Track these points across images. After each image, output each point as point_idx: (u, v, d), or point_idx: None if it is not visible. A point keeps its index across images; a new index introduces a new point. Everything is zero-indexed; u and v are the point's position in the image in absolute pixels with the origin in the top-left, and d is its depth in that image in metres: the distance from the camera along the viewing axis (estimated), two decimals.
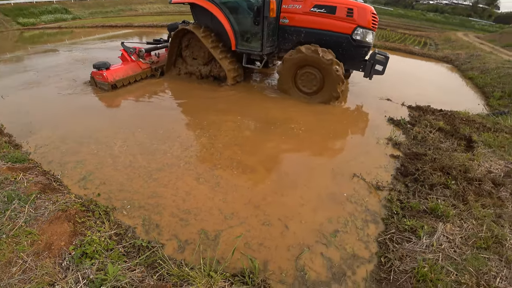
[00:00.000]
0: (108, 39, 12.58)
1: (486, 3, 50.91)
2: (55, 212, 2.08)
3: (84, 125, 3.60)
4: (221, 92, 4.83)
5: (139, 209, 2.25)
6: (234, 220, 2.13)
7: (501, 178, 2.56)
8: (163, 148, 3.08)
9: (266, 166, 2.82)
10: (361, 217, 2.18)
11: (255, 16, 4.20)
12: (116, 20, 20.46)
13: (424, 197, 2.29)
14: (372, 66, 4.08)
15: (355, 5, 3.91)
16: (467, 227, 1.99)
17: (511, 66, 7.47)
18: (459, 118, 3.85)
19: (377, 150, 3.17)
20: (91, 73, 4.97)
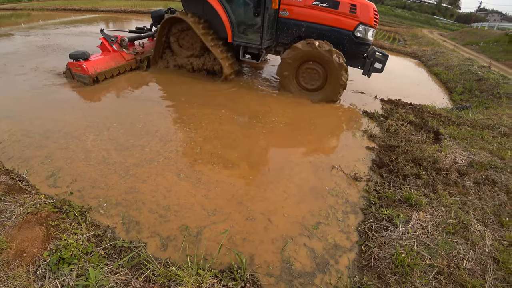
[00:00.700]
0: (71, 24, 11.65)
1: (449, 3, 54.30)
2: (23, 215, 1.93)
3: (52, 118, 3.34)
4: (214, 85, 4.63)
5: (116, 206, 2.15)
6: (217, 216, 2.12)
7: (465, 168, 2.79)
8: (140, 144, 2.95)
9: (248, 160, 2.81)
10: (341, 209, 2.26)
11: (255, 7, 4.01)
12: (79, 4, 18.96)
13: (398, 187, 2.44)
14: (371, 64, 4.10)
15: (358, 1, 3.88)
16: (437, 214, 2.15)
17: (471, 64, 8.08)
18: (427, 111, 4.11)
19: (354, 143, 3.29)
20: (68, 64, 4.43)
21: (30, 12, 15.67)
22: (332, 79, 3.95)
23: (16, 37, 8.42)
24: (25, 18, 13.75)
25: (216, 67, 4.76)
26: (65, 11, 15.91)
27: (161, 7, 5.97)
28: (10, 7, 17.67)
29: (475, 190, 2.50)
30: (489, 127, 3.78)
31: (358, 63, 4.26)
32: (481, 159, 2.96)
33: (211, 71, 4.91)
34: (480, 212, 2.23)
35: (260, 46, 4.25)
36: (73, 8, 16.40)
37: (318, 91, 4.16)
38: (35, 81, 4.46)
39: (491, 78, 6.33)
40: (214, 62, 4.75)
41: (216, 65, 4.74)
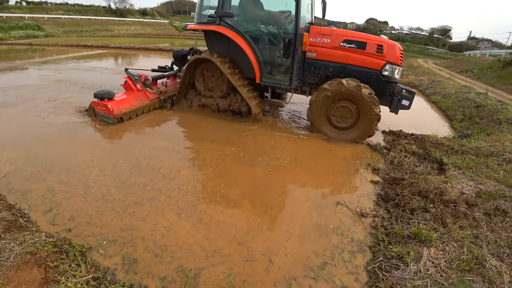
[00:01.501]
0: (82, 59, 12.27)
1: (440, 34, 57.04)
2: (22, 255, 1.88)
3: (60, 152, 3.40)
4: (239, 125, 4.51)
5: (113, 244, 2.09)
6: (216, 257, 2.03)
7: (473, 198, 2.73)
8: (143, 181, 2.92)
9: (250, 199, 2.75)
10: (348, 248, 2.16)
11: (285, 48, 4.07)
12: (91, 40, 20.17)
13: (406, 222, 2.37)
14: (398, 101, 4.12)
15: (385, 41, 4.00)
16: (449, 250, 2.07)
17: (468, 91, 8.26)
18: (429, 141, 4.11)
19: (358, 177, 3.24)
20: (92, 103, 4.40)
21: (45, 47, 16.58)
22: (365, 114, 3.91)
23: (30, 70, 8.86)
24: (40, 52, 14.54)
25: (243, 108, 4.68)
26: (78, 47, 16.82)
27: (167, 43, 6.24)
28: (27, 42, 18.77)
29: (486, 221, 2.43)
30: (493, 155, 3.76)
31: (385, 101, 4.24)
32: (489, 188, 2.91)
33: (237, 112, 4.82)
34: (494, 245, 2.14)
35: (289, 87, 4.28)
36: (85, 44, 17.40)
37: (352, 128, 4.11)
38: (48, 116, 4.59)
39: (489, 104, 6.43)
40: (241, 103, 4.68)
41: (243, 106, 4.67)
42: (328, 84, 3.99)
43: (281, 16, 4.63)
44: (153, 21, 44.51)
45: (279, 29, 4.56)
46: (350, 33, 4.24)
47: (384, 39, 4.21)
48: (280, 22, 4.61)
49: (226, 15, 4.22)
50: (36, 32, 24.98)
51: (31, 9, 31.69)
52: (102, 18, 36.49)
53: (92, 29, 31.74)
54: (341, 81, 3.88)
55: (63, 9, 35.54)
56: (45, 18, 29.10)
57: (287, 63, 4.35)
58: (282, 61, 4.46)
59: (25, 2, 36.41)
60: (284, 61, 4.39)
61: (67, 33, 27.93)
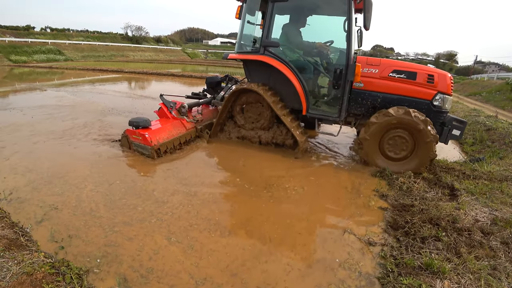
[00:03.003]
0: (97, 82, 12.87)
1: (447, 58, 57.70)
2: (18, 275, 1.84)
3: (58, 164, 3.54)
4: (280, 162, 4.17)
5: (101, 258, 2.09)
6: (206, 285, 1.93)
7: (488, 226, 2.59)
8: (134, 203, 2.90)
9: (247, 229, 2.62)
10: (355, 283, 2.01)
11: (336, 79, 3.98)
12: (107, 65, 21.26)
13: (417, 252, 2.24)
14: (449, 131, 3.99)
15: (435, 71, 3.94)
16: (465, 283, 1.92)
17: (477, 114, 8.16)
18: (439, 166, 4.00)
19: (366, 204, 3.12)
20: (126, 131, 4.13)
21: (64, 71, 17.54)
22: (421, 150, 3.75)
23: (48, 91, 9.35)
24: (59, 75, 15.36)
25: (288, 141, 4.45)
26: (94, 71, 17.73)
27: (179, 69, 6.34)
28: (47, 66, 19.92)
29: (504, 251, 2.27)
30: (507, 179, 3.61)
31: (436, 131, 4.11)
32: (505, 215, 2.76)
33: (280, 145, 4.59)
34: None
35: (338, 118, 4.13)
36: (101, 68, 18.36)
37: (402, 161, 3.93)
38: (59, 136, 4.73)
39: (500, 127, 6.30)
40: (286, 136, 4.46)
41: (288, 139, 4.44)
42: (392, 109, 3.78)
43: (324, 46, 4.61)
44: (167, 48, 46.77)
45: (322, 59, 4.52)
46: (399, 63, 4.15)
47: (434, 69, 4.14)
48: (322, 52, 4.63)
49: (271, 44, 4.22)
50: (57, 56, 26.58)
51: (54, 35, 33.97)
52: (118, 44, 38.66)
53: (108, 55, 33.55)
54: (408, 110, 3.71)
55: (83, 36, 37.96)
56: (66, 44, 31.02)
57: (333, 94, 4.25)
58: (329, 92, 4.37)
59: (49, 29, 39.08)
60: (331, 92, 4.28)
61: (85, 58, 29.58)
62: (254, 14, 4.55)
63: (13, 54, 22.60)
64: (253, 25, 4.60)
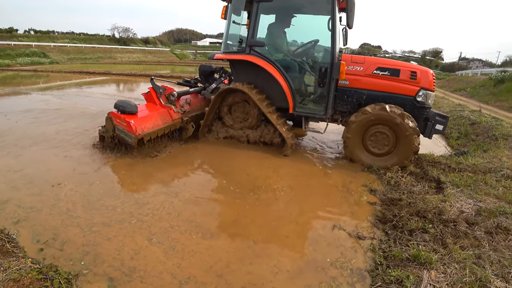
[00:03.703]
0: (85, 85, 12.59)
1: (432, 55, 59.06)
2: (5, 282, 1.80)
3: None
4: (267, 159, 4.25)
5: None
6: (190, 284, 1.92)
7: (473, 217, 2.67)
8: (113, 204, 2.89)
9: (231, 232, 2.57)
10: (346, 281, 2.02)
11: (321, 78, 4.04)
12: (94, 67, 20.77)
13: (405, 244, 2.29)
14: (432, 126, 4.09)
15: (418, 68, 4.06)
16: (451, 272, 1.98)
17: (462, 109, 8.39)
18: (426, 160, 4.10)
19: (355, 199, 3.16)
20: (110, 114, 3.93)
21: (49, 74, 17.06)
22: (403, 143, 3.83)
23: (34, 95, 9.09)
24: (44, 78, 14.94)
25: (276, 139, 4.49)
26: (81, 73, 17.28)
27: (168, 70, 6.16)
28: (32, 69, 19.32)
29: (488, 240, 2.35)
30: (491, 171, 3.73)
31: (419, 127, 4.08)
32: (489, 206, 2.85)
33: (268, 144, 4.62)
34: (498, 265, 2.06)
35: (324, 116, 4.20)
36: (88, 71, 17.90)
37: (386, 156, 4.01)
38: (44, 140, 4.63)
39: (483, 121, 6.50)
40: (273, 134, 4.49)
41: (276, 138, 4.48)
42: (370, 107, 3.90)
43: (308, 45, 4.65)
44: (155, 49, 46.22)
45: (308, 58, 4.57)
46: (383, 60, 4.25)
47: (417, 65, 4.22)
48: (308, 51, 4.67)
49: (257, 44, 4.23)
50: (42, 59, 25.85)
51: (38, 37, 33.03)
52: (106, 46, 37.93)
53: (96, 57, 32.85)
54: (384, 105, 3.84)
55: (69, 38, 37.05)
56: (51, 46, 30.20)
57: (319, 92, 4.30)
58: (315, 90, 4.42)
59: (33, 31, 38.03)
60: (317, 90, 4.33)
61: (71, 60, 28.87)
62: (239, 14, 4.55)
63: None
64: (238, 25, 4.61)
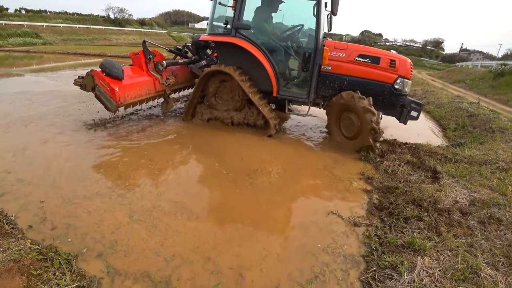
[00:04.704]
0: (79, 66, 12.29)
1: (433, 45, 58.43)
2: (5, 262, 1.81)
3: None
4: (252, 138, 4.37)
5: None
6: (176, 261, 1.97)
7: (467, 207, 2.72)
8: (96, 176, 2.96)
9: (218, 215, 2.58)
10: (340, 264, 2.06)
11: (304, 62, 4.14)
12: (89, 49, 20.21)
13: (400, 231, 2.35)
14: (408, 113, 4.27)
15: (397, 56, 4.19)
16: (443, 259, 2.04)
17: (460, 101, 8.39)
18: (423, 150, 4.13)
19: (351, 186, 3.20)
20: (93, 72, 3.72)
21: (42, 55, 16.57)
22: (362, 124, 3.98)
23: (27, 77, 8.86)
24: (38, 59, 14.52)
25: (259, 121, 4.58)
26: (75, 55, 16.85)
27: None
28: (24, 49, 18.72)
29: (480, 230, 2.41)
30: (486, 163, 3.78)
31: (395, 113, 4.39)
32: (483, 197, 2.91)
33: (251, 125, 4.71)
34: (489, 254, 2.12)
35: (307, 100, 4.34)
36: (83, 52, 17.44)
37: (355, 139, 4.18)
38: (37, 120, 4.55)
39: (481, 113, 6.53)
40: (257, 116, 4.56)
41: (259, 120, 4.57)
42: (335, 97, 4.17)
43: (294, 30, 4.70)
44: (151, 31, 44.91)
45: (292, 42, 4.58)
46: (364, 48, 4.34)
47: (396, 54, 4.34)
48: (293, 36, 4.66)
49: (242, 26, 4.19)
50: (34, 39, 24.99)
51: (30, 17, 31.82)
52: (100, 27, 36.72)
53: (90, 38, 31.86)
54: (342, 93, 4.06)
55: (62, 18, 35.74)
56: (44, 26, 29.16)
57: (302, 77, 4.38)
58: (298, 75, 4.49)
59: (24, 10, 36.60)
60: (301, 75, 4.40)
61: (65, 41, 28.00)
62: None
63: None
64: (224, 6, 4.53)
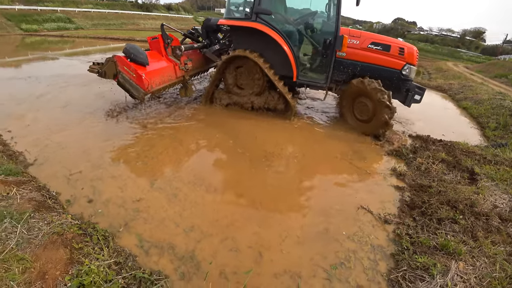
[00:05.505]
0: (109, 51, 12.69)
1: (473, 36, 53.91)
2: (49, 235, 1.96)
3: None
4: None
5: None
6: (196, 233, 2.06)
7: (507, 213, 2.55)
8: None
9: (236, 191, 2.62)
10: (367, 255, 2.05)
11: (325, 49, 4.29)
12: (118, 33, 20.78)
13: (433, 232, 2.25)
14: (412, 96, 4.49)
15: (405, 45, 4.41)
16: (480, 266, 1.94)
17: (503, 98, 7.73)
18: (459, 149, 3.89)
19: (381, 181, 3.11)
20: (115, 58, 3.52)
21: (75, 39, 17.32)
22: (377, 115, 4.20)
23: (61, 60, 9.32)
24: (70, 44, 15.20)
25: (280, 105, 4.66)
26: (105, 39, 17.45)
27: None
28: (58, 34, 19.64)
29: None
30: None
31: (400, 97, 4.61)
32: None
33: (271, 110, 4.78)
34: None
35: (325, 85, 4.52)
36: (112, 37, 18.02)
37: (368, 123, 4.40)
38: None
39: None
40: (278, 101, 4.64)
41: (280, 104, 4.65)
42: (355, 81, 4.34)
43: (311, 15, 4.73)
44: (178, 16, 45.17)
45: (306, 27, 4.60)
46: (376, 36, 4.54)
47: (404, 42, 4.64)
48: (310, 21, 4.65)
49: (263, 11, 4.19)
50: (67, 24, 26.04)
51: (63, 2, 33.03)
52: (129, 12, 37.47)
53: (119, 23, 32.69)
54: (364, 80, 4.24)
55: (92, 3, 36.77)
56: (75, 12, 30.26)
57: (319, 62, 4.52)
58: (314, 60, 4.60)
59: None
60: (317, 60, 4.54)
61: (95, 26, 28.95)
62: None
63: (24, 23, 22.14)
64: None
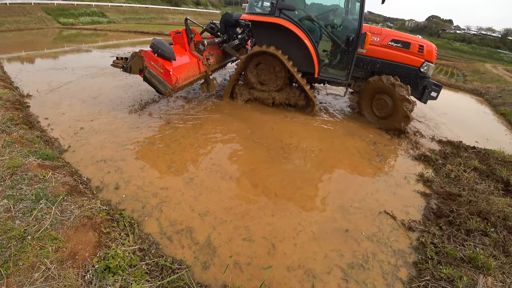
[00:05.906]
0: (138, 44, 13.20)
1: None
2: (80, 218, 2.09)
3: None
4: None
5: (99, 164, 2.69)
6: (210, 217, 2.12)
7: None
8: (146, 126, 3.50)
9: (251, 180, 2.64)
10: (386, 258, 2.01)
11: (347, 46, 4.32)
12: (148, 27, 21.53)
13: (460, 243, 2.14)
14: (429, 93, 4.52)
15: (425, 42, 4.42)
16: (510, 283, 1.82)
17: None
18: (494, 157, 3.64)
19: (405, 186, 3.00)
20: (142, 53, 3.46)
21: (107, 33, 18.19)
22: (397, 110, 4.25)
23: (94, 52, 9.84)
24: (103, 37, 15.98)
25: (301, 102, 4.70)
26: (136, 33, 18.18)
27: None
28: (92, 28, 20.72)
29: None
30: None
31: (417, 93, 4.62)
32: None
33: (292, 106, 4.82)
34: None
35: (346, 81, 4.53)
36: (142, 31, 18.70)
37: (387, 119, 4.46)
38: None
39: None
40: (299, 97, 4.67)
41: (301, 100, 4.68)
42: (372, 78, 4.42)
43: (329, 11, 4.75)
44: (205, 11, 45.83)
45: (326, 23, 4.64)
46: (396, 33, 4.58)
47: (423, 40, 4.59)
48: (327, 17, 4.68)
49: (287, 7, 4.17)
50: (101, 18, 27.33)
51: None
52: (158, 7, 38.58)
53: (149, 17, 33.80)
54: (383, 77, 4.29)
55: None
56: (109, 6, 31.65)
57: (340, 59, 4.54)
58: (335, 56, 4.61)
59: None
60: (338, 57, 4.55)
61: (126, 20, 30.14)
62: None
63: (62, 17, 23.60)
64: None
